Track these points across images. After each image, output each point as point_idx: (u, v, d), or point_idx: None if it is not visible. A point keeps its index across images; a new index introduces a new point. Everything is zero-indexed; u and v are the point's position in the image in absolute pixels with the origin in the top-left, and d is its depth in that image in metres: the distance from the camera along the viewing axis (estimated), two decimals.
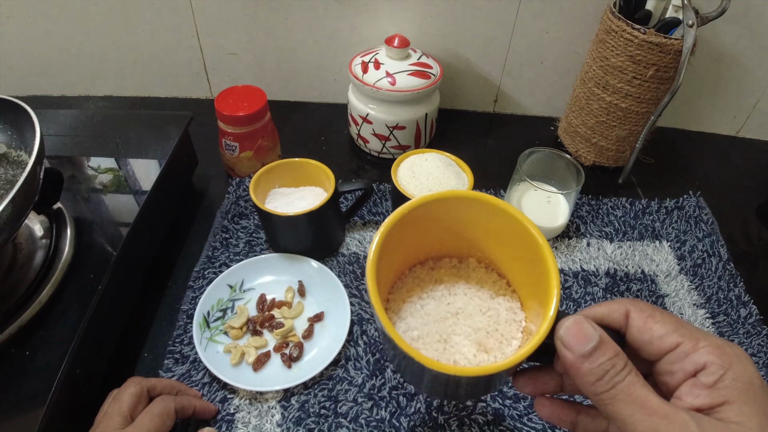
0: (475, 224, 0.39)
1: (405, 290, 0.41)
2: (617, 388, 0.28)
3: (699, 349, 0.29)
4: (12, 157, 0.55)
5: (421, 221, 0.38)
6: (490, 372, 0.31)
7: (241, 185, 0.77)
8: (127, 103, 0.98)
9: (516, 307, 0.39)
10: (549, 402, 0.36)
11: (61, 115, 0.74)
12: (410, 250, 0.41)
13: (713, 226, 0.75)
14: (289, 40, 0.90)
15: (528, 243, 0.36)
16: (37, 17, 0.88)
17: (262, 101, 0.73)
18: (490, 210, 0.37)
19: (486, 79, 0.92)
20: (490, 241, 0.40)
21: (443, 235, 0.41)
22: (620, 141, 0.79)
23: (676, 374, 0.30)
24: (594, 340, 0.29)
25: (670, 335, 0.30)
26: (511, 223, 0.36)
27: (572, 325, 0.30)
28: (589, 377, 0.29)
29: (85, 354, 0.50)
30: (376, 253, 0.34)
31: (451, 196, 0.38)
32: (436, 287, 0.41)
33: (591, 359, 0.29)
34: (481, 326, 0.38)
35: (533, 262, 0.35)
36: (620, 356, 0.29)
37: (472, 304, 0.39)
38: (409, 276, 0.42)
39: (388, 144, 0.82)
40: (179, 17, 0.87)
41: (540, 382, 0.36)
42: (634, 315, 0.31)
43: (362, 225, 0.73)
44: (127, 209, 0.61)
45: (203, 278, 0.66)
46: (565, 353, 0.30)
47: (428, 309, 0.39)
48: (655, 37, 0.67)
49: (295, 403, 0.55)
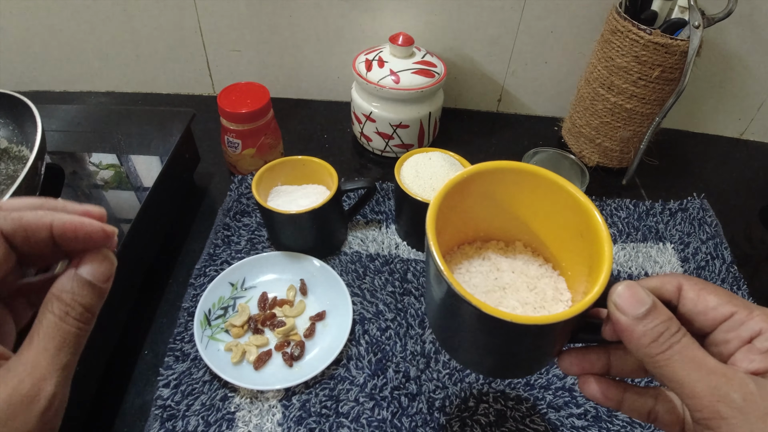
0: (525, 200, 0.40)
1: (453, 263, 0.41)
2: (673, 349, 0.28)
3: (754, 317, 0.29)
4: (13, 152, 0.55)
5: (474, 194, 0.39)
6: (545, 322, 0.30)
7: (243, 183, 0.77)
8: (129, 99, 0.98)
9: (563, 288, 0.39)
10: (595, 380, 0.35)
11: (63, 111, 0.74)
12: (460, 225, 0.41)
13: (717, 228, 0.75)
14: (292, 37, 0.89)
15: (579, 214, 0.36)
16: (39, 13, 0.88)
17: (265, 98, 0.72)
18: (540, 182, 0.37)
19: (490, 78, 0.92)
20: (538, 218, 0.40)
21: (492, 212, 0.41)
22: (624, 142, 0.79)
23: (731, 342, 0.30)
24: (647, 303, 0.29)
25: (724, 305, 0.30)
26: (561, 195, 0.37)
27: (625, 289, 0.30)
28: (644, 339, 0.29)
29: (85, 351, 0.49)
30: (440, 198, 0.35)
31: (506, 167, 0.38)
32: (483, 263, 0.41)
33: (645, 321, 0.29)
34: (529, 301, 0.38)
35: (583, 233, 0.36)
36: (674, 320, 0.29)
37: (519, 280, 0.39)
38: (457, 252, 0.42)
39: (391, 143, 0.82)
40: (182, 13, 0.87)
41: (586, 361, 0.36)
42: (687, 287, 0.31)
43: (365, 224, 0.73)
44: (128, 206, 0.61)
45: (204, 276, 0.65)
46: (618, 316, 0.30)
47: (475, 281, 0.39)
48: (660, 38, 0.67)
49: (296, 402, 0.55)
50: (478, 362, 0.39)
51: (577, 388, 0.56)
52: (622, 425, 0.54)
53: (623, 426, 0.54)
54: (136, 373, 0.58)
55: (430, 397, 0.55)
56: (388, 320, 0.62)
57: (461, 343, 0.37)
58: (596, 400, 0.35)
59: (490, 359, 0.38)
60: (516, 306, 0.37)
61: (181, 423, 0.53)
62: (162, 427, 0.52)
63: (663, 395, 0.35)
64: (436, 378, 0.57)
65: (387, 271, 0.67)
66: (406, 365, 0.58)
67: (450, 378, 0.57)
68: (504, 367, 0.40)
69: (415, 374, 0.57)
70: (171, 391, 0.55)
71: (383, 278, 0.66)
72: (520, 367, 0.39)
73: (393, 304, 0.63)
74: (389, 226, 0.73)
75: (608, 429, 0.54)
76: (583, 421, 0.54)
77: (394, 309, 0.63)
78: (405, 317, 0.62)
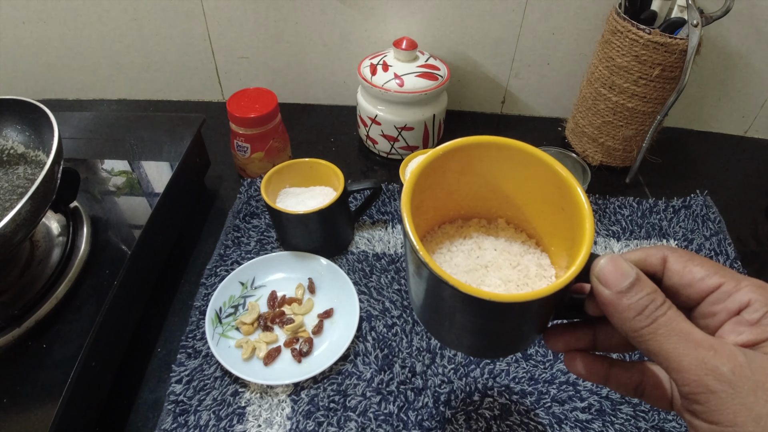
0: (506, 176, 0.38)
1: (434, 243, 0.40)
2: (658, 322, 0.27)
3: (742, 288, 0.28)
4: (30, 157, 0.56)
5: (453, 170, 0.37)
6: (527, 299, 0.29)
7: (252, 185, 0.78)
8: (141, 107, 1.00)
9: (546, 264, 0.38)
10: (580, 356, 0.35)
11: (76, 118, 0.75)
12: (439, 203, 0.40)
13: (720, 224, 0.75)
14: (299, 43, 0.91)
15: (560, 188, 0.35)
16: (52, 22, 0.90)
17: (273, 103, 0.74)
18: (522, 156, 0.36)
19: (493, 80, 0.93)
20: (520, 193, 0.39)
21: (473, 189, 0.40)
22: (627, 141, 0.80)
23: (719, 314, 0.29)
24: (631, 276, 0.28)
25: (711, 276, 0.29)
26: (542, 169, 0.36)
27: (608, 262, 0.29)
28: (628, 312, 0.28)
29: (100, 348, 0.51)
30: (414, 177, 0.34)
31: (485, 141, 0.37)
32: (465, 241, 0.40)
33: (629, 295, 0.28)
34: (512, 279, 0.37)
35: (565, 208, 0.35)
36: (658, 293, 0.28)
37: (502, 258, 0.38)
38: (438, 232, 0.41)
39: (396, 145, 0.83)
40: (192, 22, 0.89)
41: (572, 337, 0.35)
42: (672, 259, 0.30)
43: (371, 224, 0.74)
44: (141, 209, 0.62)
45: (215, 276, 0.67)
46: (601, 290, 0.29)
47: (457, 261, 0.38)
48: (660, 37, 0.68)
49: (305, 397, 0.56)
50: (462, 343, 0.38)
51: (581, 382, 0.57)
52: (626, 418, 0.55)
53: (627, 419, 0.55)
54: (149, 370, 0.59)
55: (435, 391, 0.57)
56: (394, 317, 0.63)
57: (444, 325, 0.36)
58: (582, 376, 0.35)
59: (474, 339, 0.36)
60: (499, 284, 0.36)
61: (193, 417, 0.54)
62: (175, 421, 0.54)
63: (649, 370, 0.34)
64: (442, 373, 0.58)
65: (393, 270, 0.68)
66: (412, 361, 0.59)
67: (455, 373, 0.58)
68: (489, 347, 0.39)
69: (420, 369, 0.58)
70: (183, 387, 0.56)
71: (389, 276, 0.67)
72: (505, 345, 0.38)
73: (399, 301, 0.64)
74: (395, 226, 0.74)
75: (612, 422, 0.54)
76: (587, 415, 0.55)
77: (400, 306, 0.64)
78: (411, 314, 0.63)
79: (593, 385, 0.57)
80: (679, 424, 0.55)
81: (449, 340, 0.39)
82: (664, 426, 0.54)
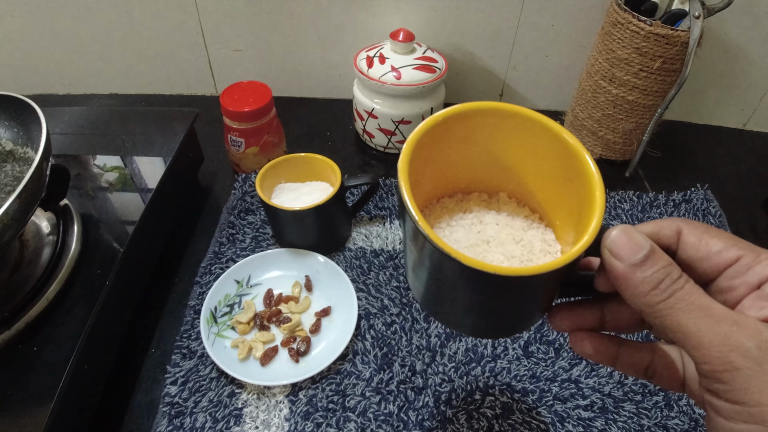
0: (508, 145, 0.36)
1: (432, 218, 0.38)
2: (675, 296, 0.25)
3: (762, 261, 0.27)
4: (18, 154, 0.55)
5: (451, 139, 0.35)
6: (535, 272, 0.27)
7: (247, 181, 0.77)
8: (132, 101, 0.98)
9: (551, 239, 0.36)
10: (587, 336, 0.33)
11: (67, 114, 0.74)
12: (438, 176, 0.38)
13: (721, 218, 0.74)
14: (293, 36, 0.90)
15: (567, 157, 0.33)
16: (42, 16, 0.88)
17: (267, 97, 0.73)
18: (525, 124, 0.34)
19: (491, 72, 0.92)
20: (523, 164, 0.37)
21: (473, 160, 0.37)
22: (627, 134, 0.79)
23: (738, 288, 0.27)
24: (645, 248, 0.27)
25: (729, 249, 0.28)
26: (546, 137, 0.33)
27: (620, 234, 0.27)
28: (643, 287, 0.26)
29: (93, 350, 0.50)
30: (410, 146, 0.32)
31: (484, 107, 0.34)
32: (465, 216, 0.38)
33: (643, 268, 0.26)
34: (515, 254, 0.35)
35: (572, 178, 0.33)
36: (674, 266, 0.26)
37: (504, 233, 0.36)
38: (436, 206, 0.39)
39: (393, 139, 0.82)
40: (184, 14, 0.87)
41: (578, 316, 0.33)
42: (687, 231, 0.29)
43: (369, 220, 0.73)
44: (133, 206, 0.61)
45: (210, 274, 0.66)
46: (614, 263, 0.27)
47: (457, 236, 0.36)
48: (661, 29, 0.67)
49: (303, 397, 0.55)
50: (464, 322, 0.36)
51: (584, 379, 0.57)
52: (629, 416, 0.54)
53: (630, 417, 0.54)
54: (144, 371, 0.58)
55: (436, 390, 0.56)
56: (393, 315, 0.62)
57: (444, 303, 0.34)
58: (589, 357, 0.33)
59: (476, 318, 0.35)
60: (502, 260, 0.34)
61: (188, 420, 0.53)
62: (170, 423, 0.53)
63: (660, 350, 0.33)
64: (442, 371, 0.57)
65: (392, 267, 0.67)
66: (411, 359, 0.58)
67: (456, 371, 0.57)
68: (491, 326, 0.37)
69: (421, 368, 0.57)
70: (179, 388, 0.55)
71: (388, 273, 0.66)
72: (508, 325, 0.36)
73: (398, 299, 0.63)
74: (393, 222, 0.73)
75: (615, 420, 0.54)
76: (590, 413, 0.54)
77: (399, 304, 0.63)
78: (410, 312, 0.62)
79: (596, 382, 0.56)
80: (681, 420, 0.54)
81: (449, 320, 0.37)
82: (668, 423, 0.54)
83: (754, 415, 0.23)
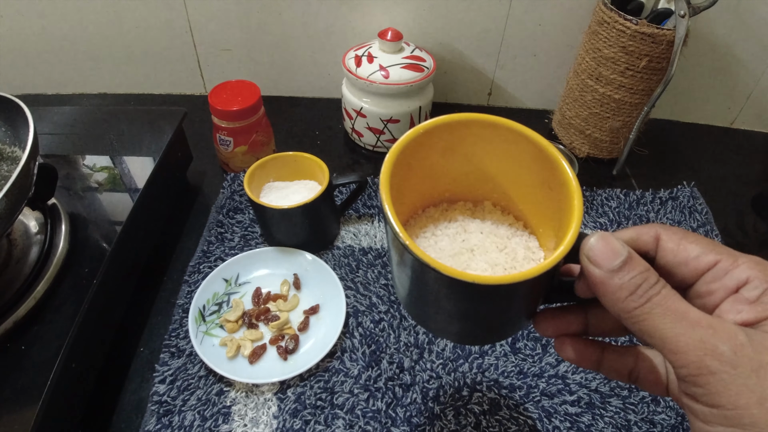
0: (491, 154, 0.37)
1: (418, 227, 0.38)
2: (653, 301, 0.26)
3: (739, 265, 0.27)
4: (6, 153, 0.55)
5: (435, 149, 0.36)
6: (513, 281, 0.27)
7: (235, 180, 0.77)
8: (122, 101, 0.98)
9: (534, 246, 0.37)
10: (571, 341, 0.33)
11: (56, 114, 0.74)
12: (423, 185, 0.38)
13: (707, 215, 0.75)
14: (282, 35, 0.90)
15: (546, 166, 0.33)
16: (30, 15, 0.88)
17: (255, 96, 0.73)
18: (506, 134, 0.35)
19: (480, 72, 0.93)
20: (506, 173, 0.38)
21: (457, 170, 0.38)
22: (614, 132, 0.80)
23: (716, 293, 0.28)
24: (622, 255, 0.27)
25: (707, 254, 0.28)
26: (526, 146, 0.34)
27: (598, 241, 0.28)
28: (620, 292, 0.26)
29: (81, 349, 0.50)
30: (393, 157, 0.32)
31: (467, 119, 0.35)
32: (450, 225, 0.38)
33: (620, 274, 0.27)
34: (499, 262, 0.35)
35: (552, 187, 0.33)
36: (652, 271, 0.27)
37: (488, 241, 0.37)
38: (422, 215, 0.39)
39: (382, 138, 0.83)
40: (172, 13, 0.87)
41: (562, 322, 0.34)
42: (666, 237, 0.29)
43: (357, 218, 0.73)
44: (121, 205, 0.61)
45: (199, 272, 0.66)
46: (592, 270, 0.28)
47: (442, 245, 0.36)
48: (647, 28, 0.67)
49: (291, 395, 0.55)
50: (449, 330, 0.36)
51: (570, 375, 0.57)
52: (616, 411, 0.55)
53: (617, 412, 0.55)
54: (132, 370, 0.58)
55: (424, 387, 0.56)
56: (381, 312, 0.62)
57: (429, 312, 0.35)
58: (573, 362, 0.33)
59: (461, 325, 0.35)
60: (485, 268, 0.34)
61: (177, 418, 0.53)
62: (159, 422, 0.53)
63: (643, 354, 0.33)
64: (430, 368, 0.57)
65: (380, 264, 0.67)
66: (399, 356, 0.58)
67: (443, 368, 0.58)
68: (476, 333, 0.37)
69: (408, 365, 0.58)
70: (167, 387, 0.55)
71: (376, 271, 0.66)
72: (493, 331, 0.36)
73: (386, 296, 0.64)
74: (381, 220, 0.73)
75: (602, 415, 0.54)
76: (577, 408, 0.55)
77: (387, 301, 0.63)
78: (398, 309, 0.62)
79: (582, 378, 0.57)
80: (668, 416, 0.55)
81: (435, 328, 0.37)
82: (654, 418, 0.54)
83: (731, 418, 0.23)
